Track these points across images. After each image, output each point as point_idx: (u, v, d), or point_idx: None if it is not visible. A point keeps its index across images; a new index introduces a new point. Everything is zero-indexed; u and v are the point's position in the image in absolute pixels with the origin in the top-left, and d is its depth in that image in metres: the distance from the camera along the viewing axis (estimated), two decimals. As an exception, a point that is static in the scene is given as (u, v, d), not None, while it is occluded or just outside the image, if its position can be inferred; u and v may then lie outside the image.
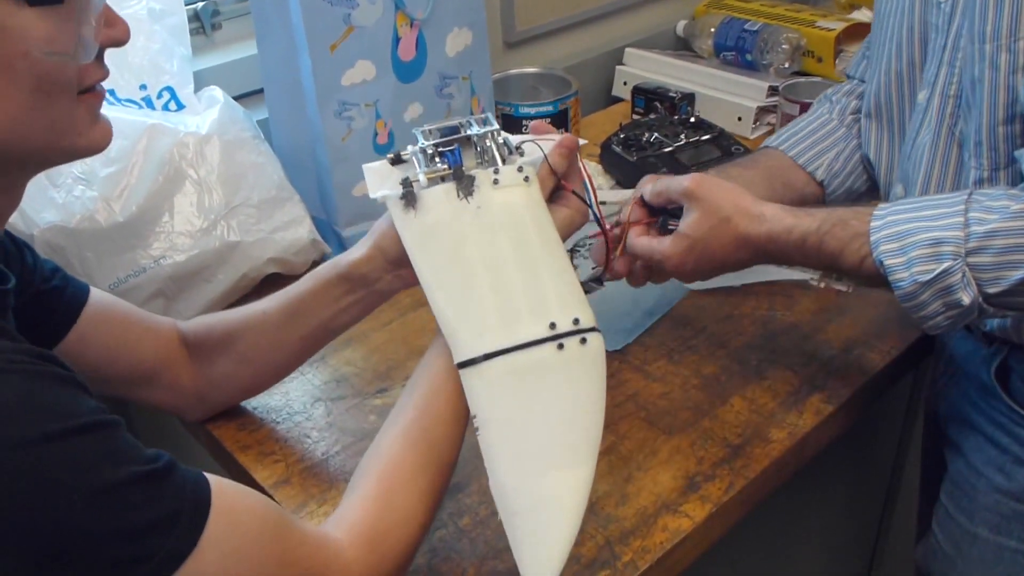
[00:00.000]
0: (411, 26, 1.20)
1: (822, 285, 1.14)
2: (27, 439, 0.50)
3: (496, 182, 0.76)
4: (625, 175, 1.38)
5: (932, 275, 0.76)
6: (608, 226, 0.89)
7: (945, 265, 0.75)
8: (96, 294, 0.84)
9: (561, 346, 0.71)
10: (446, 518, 0.85)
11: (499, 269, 0.73)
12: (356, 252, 0.84)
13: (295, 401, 1.01)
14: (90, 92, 0.62)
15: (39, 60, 0.57)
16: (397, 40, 1.19)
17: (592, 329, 0.73)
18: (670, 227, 0.90)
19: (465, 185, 0.76)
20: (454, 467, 0.75)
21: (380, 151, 1.23)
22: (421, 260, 0.75)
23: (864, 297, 1.13)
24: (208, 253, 1.11)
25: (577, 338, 0.72)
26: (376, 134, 1.22)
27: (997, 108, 0.81)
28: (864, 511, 1.40)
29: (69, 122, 0.61)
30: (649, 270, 0.92)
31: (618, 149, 1.39)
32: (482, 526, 0.85)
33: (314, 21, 1.11)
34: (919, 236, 0.77)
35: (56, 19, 0.57)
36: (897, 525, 1.44)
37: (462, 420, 0.74)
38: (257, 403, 1.00)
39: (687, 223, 0.87)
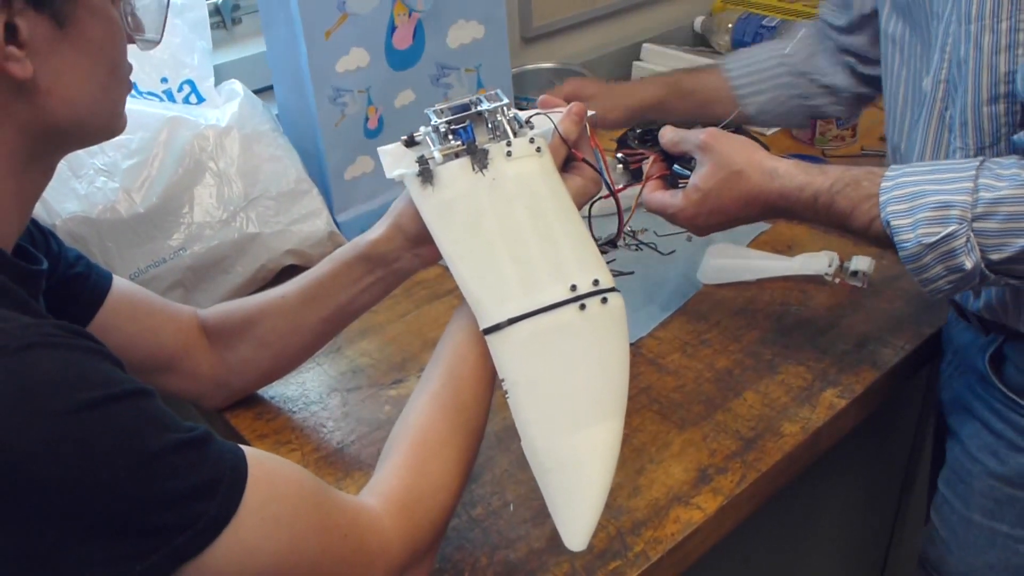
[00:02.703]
0: (409, 16, 1.21)
1: (836, 280, 1.14)
2: (69, 407, 0.51)
3: (509, 154, 0.77)
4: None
5: (936, 238, 0.76)
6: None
7: (951, 228, 0.75)
8: (119, 281, 0.85)
9: (583, 306, 0.72)
10: (459, 508, 0.86)
11: (517, 237, 0.75)
12: (375, 232, 0.86)
13: (311, 391, 1.02)
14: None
15: (117, 45, 0.63)
16: (393, 28, 1.20)
17: (612, 289, 0.74)
18: (680, 184, 0.91)
19: (479, 158, 0.77)
20: (483, 432, 0.76)
21: (370, 136, 1.25)
22: (441, 233, 0.76)
23: (878, 293, 1.13)
24: (227, 244, 1.13)
25: (598, 298, 0.73)
26: (367, 119, 1.24)
27: (981, 89, 0.81)
28: (879, 504, 1.39)
29: (122, 104, 0.67)
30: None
31: (634, 144, 1.39)
32: (494, 516, 0.85)
33: (309, 8, 1.12)
34: (928, 199, 0.77)
35: (118, 7, 0.64)
36: (912, 518, 1.44)
37: (489, 385, 0.75)
38: (274, 392, 1.01)
39: (699, 175, 0.88)
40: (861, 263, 1.13)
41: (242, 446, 0.61)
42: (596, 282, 0.73)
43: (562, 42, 1.71)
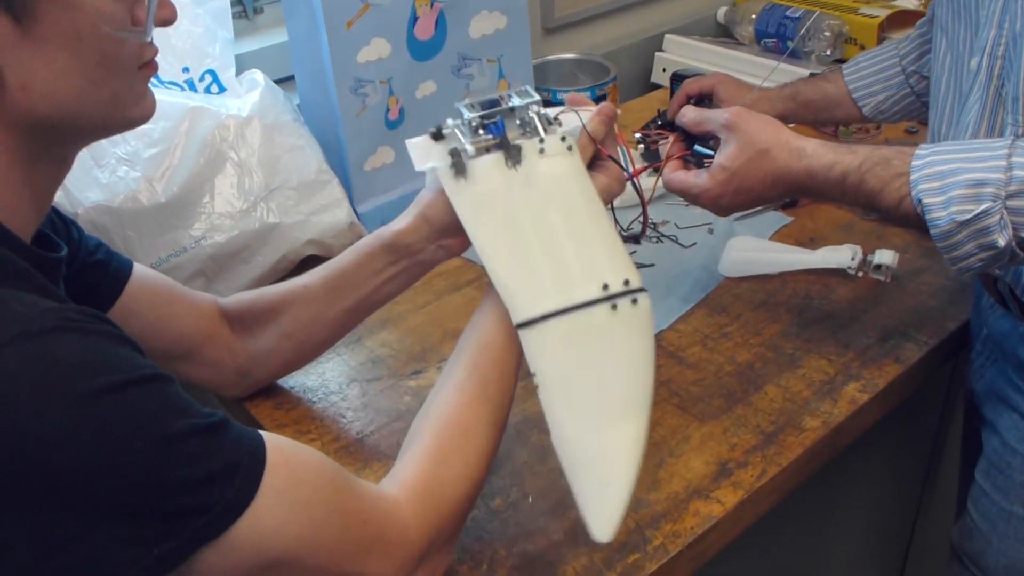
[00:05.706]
0: (431, 6, 1.21)
1: (859, 274, 1.13)
2: (89, 392, 0.51)
3: (542, 151, 0.78)
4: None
5: (970, 215, 0.75)
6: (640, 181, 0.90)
7: (984, 206, 0.75)
8: (139, 269, 0.85)
9: (615, 307, 0.73)
10: (478, 499, 0.85)
11: (551, 235, 0.75)
12: (401, 222, 0.86)
13: (331, 381, 1.02)
14: (147, 65, 0.66)
15: (105, 36, 0.60)
16: (415, 19, 1.21)
17: (641, 290, 0.74)
18: (705, 163, 0.90)
19: (513, 154, 0.77)
20: (505, 424, 0.77)
21: (391, 127, 1.25)
22: (476, 228, 0.76)
23: (902, 287, 1.12)
24: (248, 234, 1.13)
25: (629, 299, 0.73)
26: (388, 110, 1.24)
27: None
28: (901, 498, 1.38)
29: (129, 94, 0.64)
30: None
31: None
32: (513, 508, 0.85)
33: None
34: (960, 177, 0.76)
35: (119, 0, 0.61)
36: (934, 513, 1.42)
37: (512, 377, 0.76)
38: (294, 382, 1.01)
39: (725, 154, 0.87)
40: (884, 256, 1.11)
41: (261, 432, 0.61)
42: (627, 282, 0.74)
43: (584, 33, 1.70)
